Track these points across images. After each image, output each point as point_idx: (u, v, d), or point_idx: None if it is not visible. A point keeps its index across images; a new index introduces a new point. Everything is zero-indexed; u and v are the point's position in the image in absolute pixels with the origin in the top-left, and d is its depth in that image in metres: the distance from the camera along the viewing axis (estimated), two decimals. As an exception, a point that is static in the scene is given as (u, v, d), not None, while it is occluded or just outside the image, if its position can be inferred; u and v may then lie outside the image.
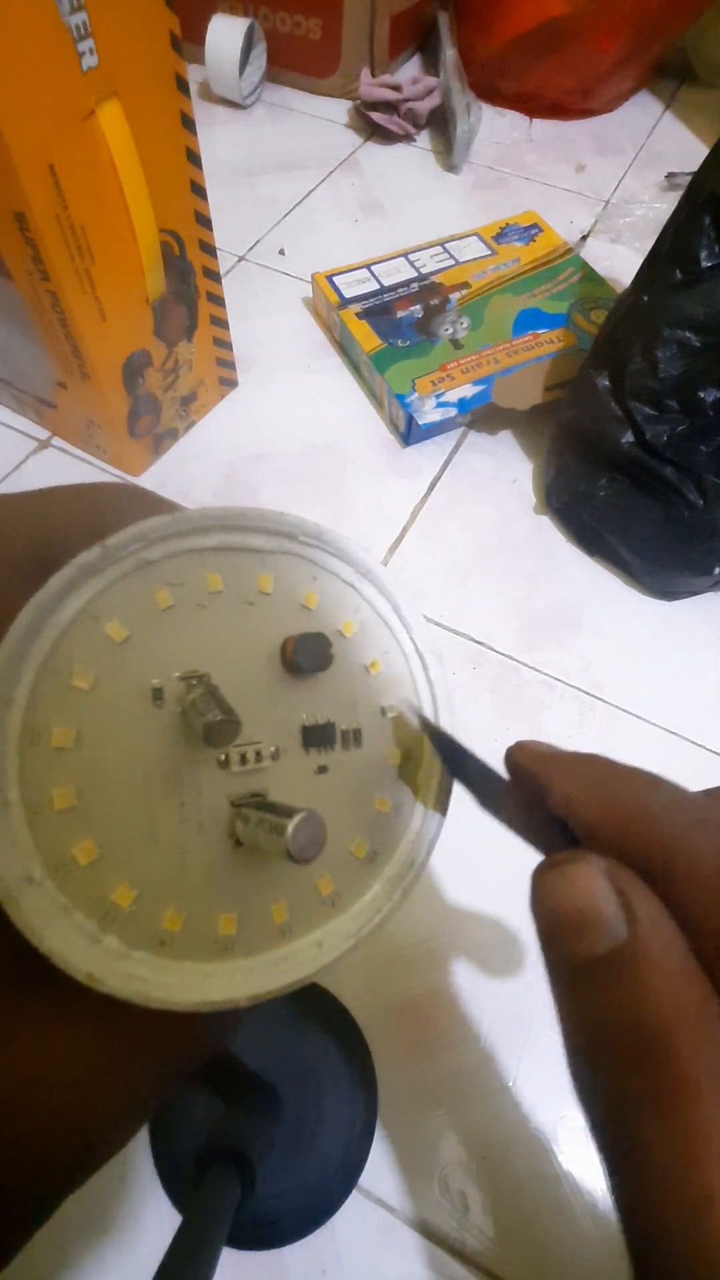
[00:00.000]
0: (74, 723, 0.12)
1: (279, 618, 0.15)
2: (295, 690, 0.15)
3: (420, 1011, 0.41)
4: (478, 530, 0.59)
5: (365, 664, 0.16)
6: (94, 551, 0.13)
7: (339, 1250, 0.36)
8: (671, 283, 0.50)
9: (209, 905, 0.14)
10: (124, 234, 0.46)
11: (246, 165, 0.86)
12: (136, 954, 0.13)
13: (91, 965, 0.12)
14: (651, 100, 0.97)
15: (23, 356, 0.55)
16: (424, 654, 0.16)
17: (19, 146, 0.38)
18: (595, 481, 0.55)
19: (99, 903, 0.13)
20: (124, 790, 0.13)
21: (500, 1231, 0.36)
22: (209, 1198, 0.29)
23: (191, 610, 0.14)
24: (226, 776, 0.14)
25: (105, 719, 0.13)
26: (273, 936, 0.14)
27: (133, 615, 0.13)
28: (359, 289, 0.69)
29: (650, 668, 0.53)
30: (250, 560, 0.14)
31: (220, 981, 0.13)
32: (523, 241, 0.73)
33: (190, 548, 0.14)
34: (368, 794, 0.15)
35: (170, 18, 0.41)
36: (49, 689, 0.12)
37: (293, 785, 0.15)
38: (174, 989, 0.13)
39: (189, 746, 0.13)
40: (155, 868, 0.13)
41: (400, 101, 0.86)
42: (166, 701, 0.13)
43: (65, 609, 0.13)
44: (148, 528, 0.13)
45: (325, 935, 0.15)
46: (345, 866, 0.15)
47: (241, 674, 0.14)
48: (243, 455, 0.62)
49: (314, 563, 0.15)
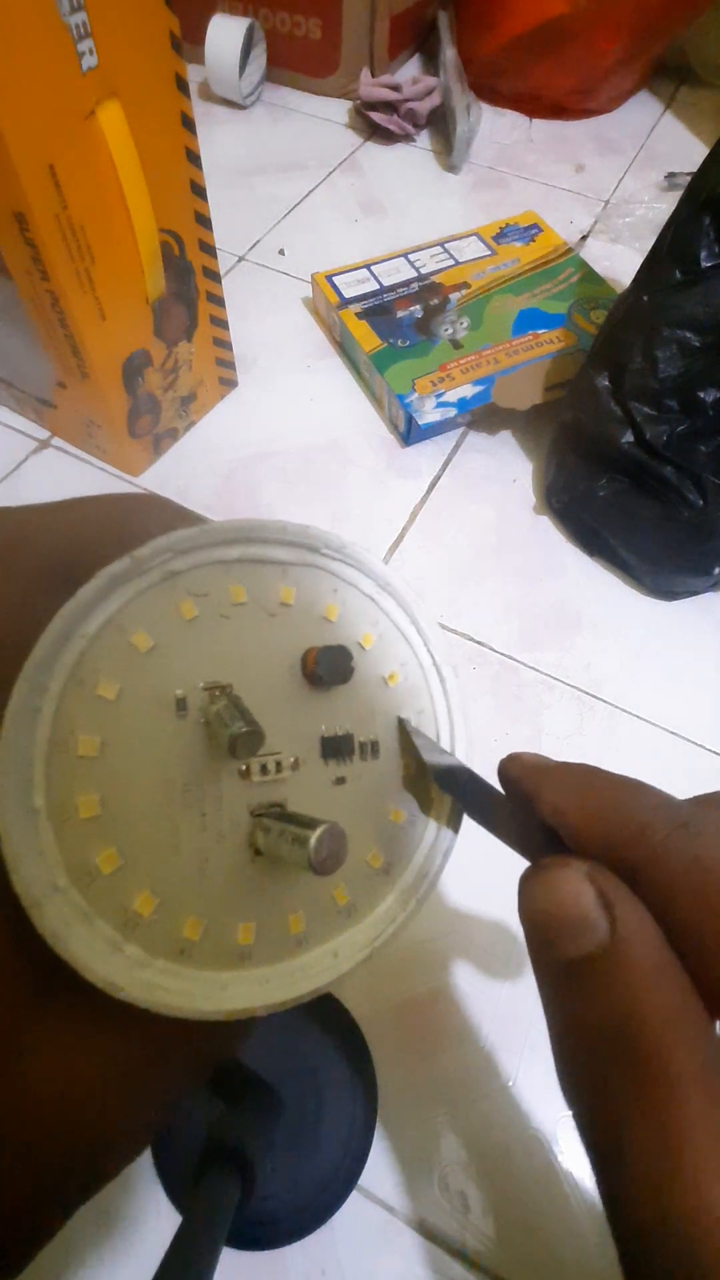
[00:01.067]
0: (99, 732, 0.13)
1: (300, 629, 0.15)
2: (315, 701, 0.15)
3: (420, 1012, 0.41)
4: (478, 530, 0.59)
5: (384, 676, 0.16)
6: (123, 563, 0.13)
7: (339, 1250, 0.36)
8: (671, 283, 0.50)
9: (228, 914, 0.14)
10: (124, 234, 0.46)
11: (246, 165, 0.86)
12: (157, 963, 0.13)
13: (113, 973, 0.12)
14: (651, 100, 0.97)
15: (23, 356, 0.55)
16: (441, 667, 0.17)
17: (19, 146, 0.38)
18: (595, 481, 0.55)
19: (121, 911, 0.13)
20: (147, 799, 0.13)
21: (500, 1231, 0.36)
22: (209, 1198, 0.29)
23: (215, 621, 0.14)
24: (247, 786, 0.14)
25: (130, 728, 0.13)
26: (290, 946, 0.14)
27: (158, 626, 0.13)
28: (359, 289, 0.69)
29: (650, 668, 0.53)
30: (273, 572, 0.15)
31: (238, 991, 0.13)
32: (522, 241, 0.73)
33: (215, 559, 0.14)
34: (383, 805, 0.16)
35: (170, 18, 0.41)
36: (75, 698, 0.12)
37: (311, 796, 0.15)
38: (193, 998, 0.13)
39: (211, 756, 0.14)
40: (176, 877, 0.13)
41: (400, 101, 0.86)
42: (190, 711, 0.13)
43: (93, 620, 0.13)
44: (176, 539, 0.13)
45: (341, 945, 0.15)
46: (361, 877, 0.15)
47: (263, 685, 0.14)
48: (243, 455, 0.62)
49: (335, 575, 0.15)
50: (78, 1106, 0.12)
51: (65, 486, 0.60)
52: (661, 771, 0.49)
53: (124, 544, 0.13)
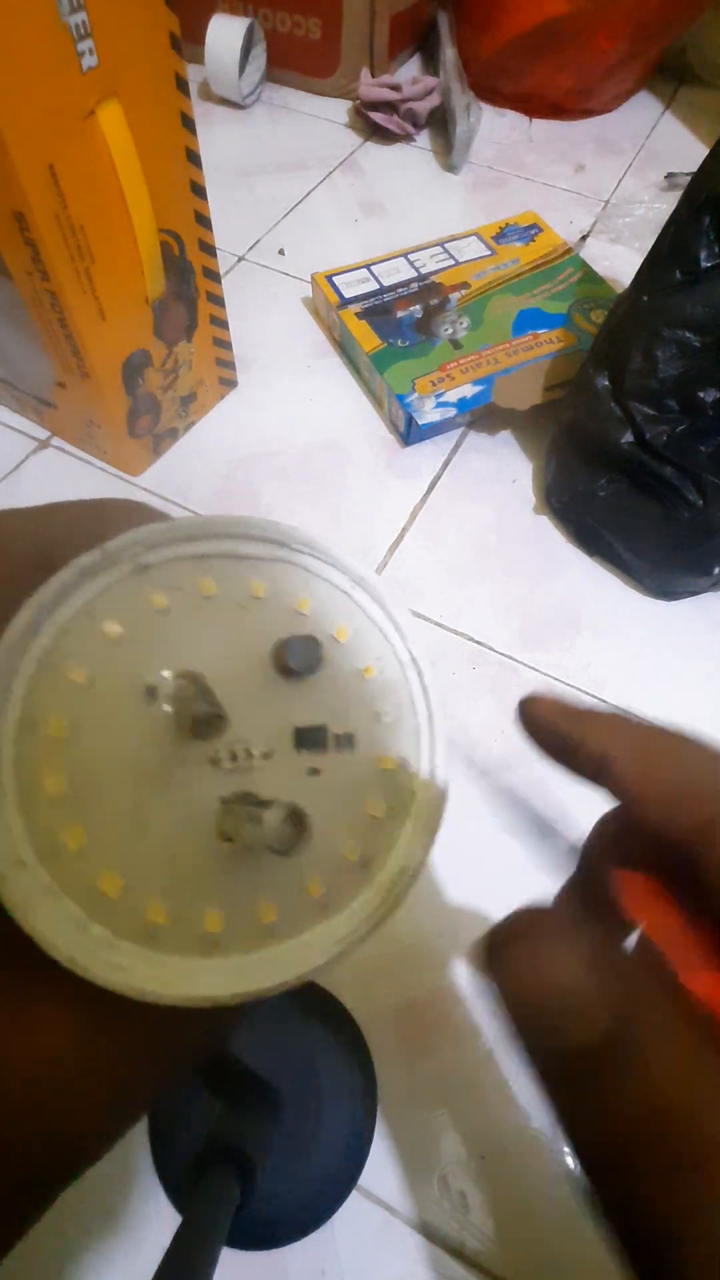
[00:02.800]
0: (69, 713, 0.13)
1: (272, 622, 0.15)
2: (288, 693, 0.15)
3: (420, 1011, 0.41)
4: (478, 530, 0.59)
5: (359, 669, 0.16)
6: (93, 555, 0.13)
7: (339, 1250, 0.36)
8: (671, 283, 0.50)
9: (196, 900, 0.14)
10: (124, 234, 0.46)
11: (246, 165, 0.86)
12: (123, 944, 0.13)
13: (75, 950, 0.12)
14: (651, 100, 0.97)
15: (23, 356, 0.55)
16: (419, 660, 0.17)
17: (19, 146, 0.38)
18: (595, 481, 0.55)
19: (87, 890, 0.13)
20: (115, 781, 0.13)
21: (500, 1231, 0.36)
22: (209, 1198, 0.29)
23: (186, 613, 0.14)
24: (217, 774, 0.14)
25: (99, 712, 0.13)
26: (260, 936, 0.14)
27: (129, 616, 0.14)
28: (359, 289, 0.69)
29: (650, 668, 0.53)
30: (244, 566, 0.15)
31: (205, 978, 0.13)
32: (522, 241, 0.73)
33: (186, 554, 0.14)
34: (360, 798, 0.15)
35: (170, 18, 0.41)
36: (46, 681, 0.13)
37: (284, 786, 0.15)
38: (157, 981, 0.13)
39: (180, 743, 0.14)
40: (143, 859, 0.13)
41: (400, 101, 0.86)
42: (159, 699, 0.14)
43: (65, 608, 0.13)
44: (144, 534, 0.14)
45: (314, 938, 0.14)
46: (336, 870, 0.15)
47: (235, 675, 0.14)
48: (243, 455, 0.62)
49: (307, 570, 0.16)
50: (43, 1088, 0.12)
51: (65, 486, 0.60)
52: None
53: (99, 541, 0.13)
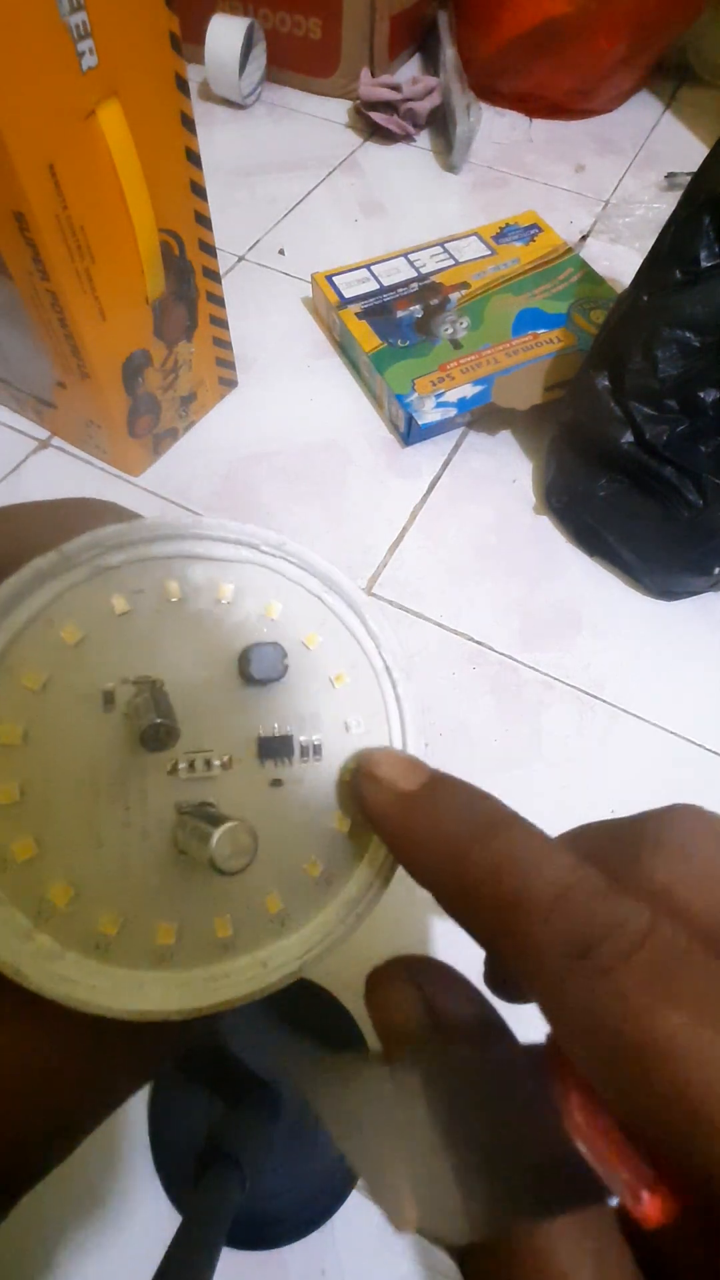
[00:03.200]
0: (21, 721, 0.13)
1: (239, 628, 0.14)
2: (254, 701, 0.14)
3: (420, 1011, 0.41)
4: (478, 530, 0.59)
5: (330, 677, 0.15)
6: (50, 557, 0.13)
7: (339, 1250, 0.36)
8: (671, 283, 0.50)
9: (148, 913, 0.13)
10: (124, 234, 0.46)
11: (246, 165, 0.86)
12: (69, 955, 0.13)
13: (19, 961, 0.12)
14: (651, 100, 0.97)
15: (23, 356, 0.55)
16: (393, 670, 0.16)
17: (19, 146, 0.38)
18: (595, 481, 0.55)
19: (34, 900, 0.13)
20: (68, 790, 0.13)
21: (500, 1231, 0.36)
22: (209, 1198, 0.29)
23: (149, 617, 0.14)
24: (175, 783, 0.14)
25: (53, 719, 0.13)
26: (214, 951, 0.14)
27: (88, 619, 0.13)
28: (359, 289, 0.69)
29: (650, 668, 0.53)
30: (212, 569, 0.14)
31: (154, 992, 0.13)
32: (523, 241, 0.73)
33: (150, 555, 0.14)
34: (325, 811, 0.15)
35: (170, 18, 0.41)
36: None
37: (244, 796, 0.14)
38: (104, 994, 0.13)
39: (137, 751, 0.13)
40: (95, 870, 0.13)
41: (400, 101, 0.86)
42: (117, 705, 0.13)
43: (19, 612, 0.13)
44: (105, 535, 0.13)
45: (270, 955, 0.14)
46: (296, 885, 0.15)
47: (198, 682, 0.14)
48: (242, 455, 0.62)
49: (278, 573, 0.15)
50: (8, 1084, 0.12)
51: (65, 486, 0.60)
52: (662, 771, 0.49)
53: (57, 545, 0.13)
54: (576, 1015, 0.09)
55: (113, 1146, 0.38)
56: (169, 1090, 0.38)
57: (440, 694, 0.51)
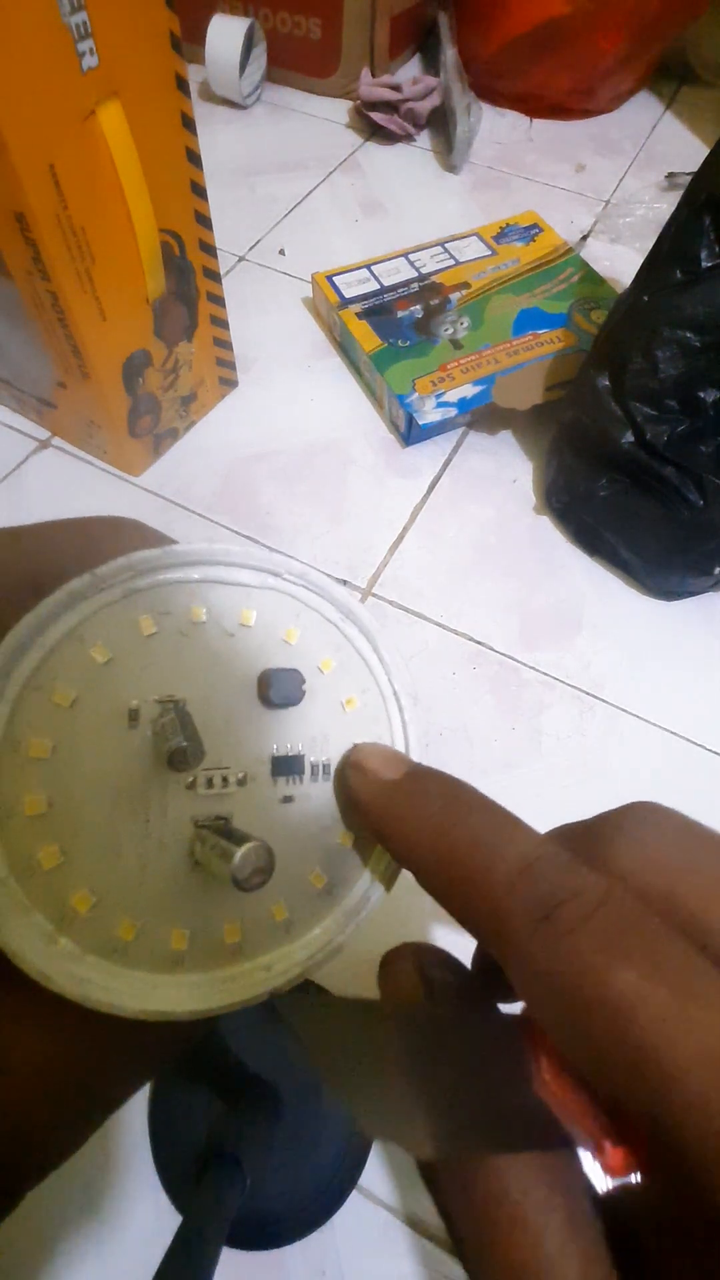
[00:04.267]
0: (52, 736, 0.13)
1: (259, 650, 0.15)
2: (270, 721, 0.15)
3: (420, 1011, 0.41)
4: (478, 530, 0.59)
5: (341, 701, 0.16)
6: (84, 579, 0.13)
7: (339, 1250, 0.36)
8: (671, 283, 0.50)
9: (163, 919, 0.14)
10: (124, 234, 0.46)
11: (246, 165, 0.86)
12: (89, 958, 0.13)
13: (44, 964, 0.13)
14: (651, 100, 0.97)
15: (23, 356, 0.55)
16: (400, 695, 0.17)
17: (19, 146, 0.38)
18: (595, 481, 0.55)
19: (58, 906, 0.13)
20: (92, 802, 0.14)
21: (500, 1231, 0.36)
22: (209, 1198, 0.29)
23: (174, 638, 0.14)
24: (193, 798, 0.14)
25: (81, 735, 0.13)
26: (223, 956, 0.15)
27: (117, 640, 0.14)
28: (359, 289, 0.69)
29: (650, 668, 0.53)
30: (235, 594, 0.15)
31: (166, 993, 0.14)
32: (523, 241, 0.73)
33: (177, 579, 0.14)
34: (330, 827, 0.16)
35: (170, 18, 0.41)
36: (31, 703, 0.13)
37: (257, 812, 0.15)
38: (120, 995, 0.13)
39: (158, 766, 0.14)
40: (115, 878, 0.14)
41: (400, 101, 0.86)
42: (141, 723, 0.14)
43: (53, 631, 0.13)
44: (137, 559, 0.14)
45: (275, 960, 0.15)
46: (301, 895, 0.15)
47: (218, 702, 0.15)
48: (243, 455, 0.62)
49: (298, 600, 0.16)
50: (9, 1091, 0.12)
51: (65, 486, 0.60)
52: (662, 771, 0.49)
53: (90, 565, 0.14)
54: (540, 977, 0.10)
55: (112, 1146, 0.38)
56: (169, 1090, 0.38)
57: (440, 694, 0.51)
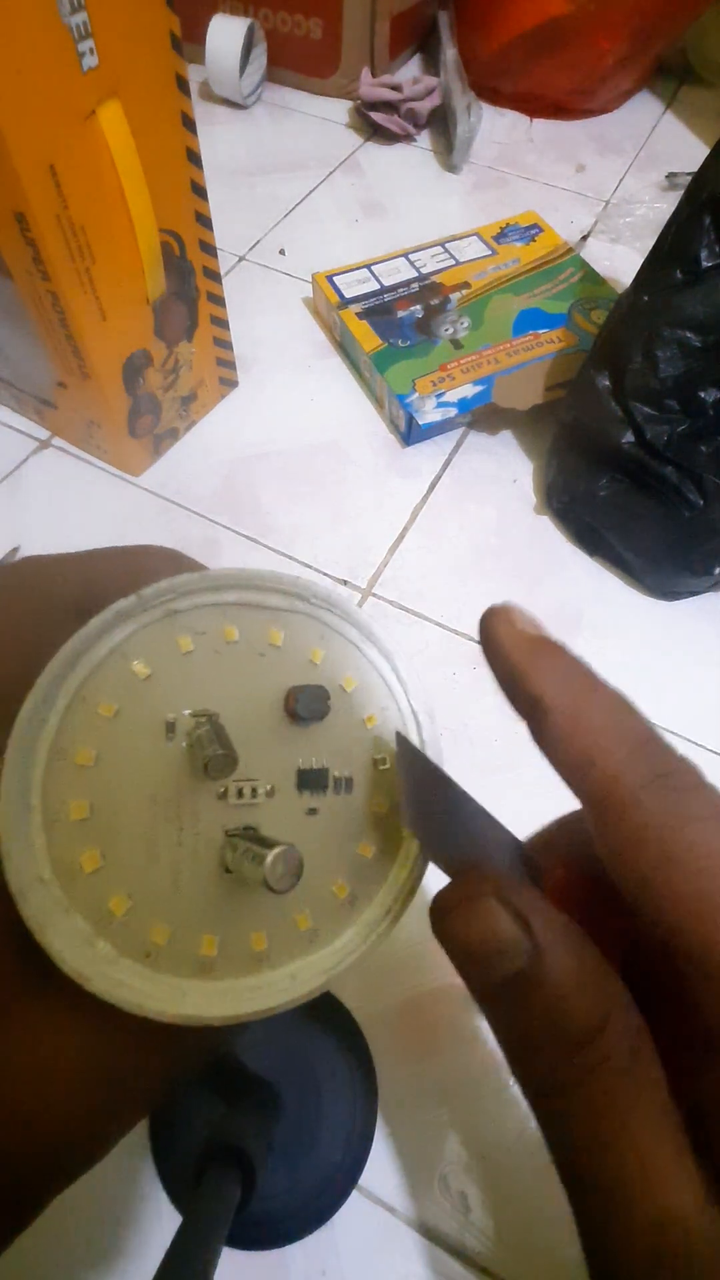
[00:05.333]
0: (96, 745, 0.14)
1: (287, 669, 0.16)
2: (296, 736, 0.16)
3: (421, 1011, 0.41)
4: (478, 530, 0.59)
5: (363, 718, 0.17)
6: (129, 600, 0.14)
7: (339, 1250, 0.36)
8: (671, 283, 0.50)
9: (194, 925, 0.15)
10: (124, 234, 0.46)
11: (246, 165, 0.86)
12: (124, 961, 0.14)
13: (83, 965, 0.13)
14: (651, 100, 0.97)
15: (23, 356, 0.55)
16: (419, 714, 0.18)
17: (19, 146, 0.38)
18: (595, 481, 0.55)
19: (97, 909, 0.14)
20: (131, 809, 0.14)
21: (501, 1231, 0.36)
22: (209, 1198, 0.29)
23: (209, 656, 0.15)
24: (224, 807, 0.15)
25: (123, 745, 0.14)
26: (250, 963, 0.15)
27: (157, 657, 0.15)
28: (359, 289, 0.69)
29: (650, 668, 0.53)
30: (265, 616, 0.16)
31: (196, 999, 0.14)
32: (523, 241, 0.73)
33: (213, 602, 0.16)
34: (353, 839, 0.16)
35: (170, 18, 0.41)
36: (78, 713, 0.14)
37: (283, 823, 0.16)
38: (153, 999, 0.14)
39: (193, 777, 0.15)
40: (151, 884, 0.14)
41: (400, 101, 0.86)
42: (178, 734, 0.15)
43: (100, 647, 0.14)
44: (179, 582, 0.15)
45: (300, 969, 0.15)
46: (325, 905, 0.16)
47: (248, 716, 0.15)
48: (243, 455, 0.62)
49: (323, 623, 0.17)
50: (47, 1090, 0.13)
51: (65, 486, 0.60)
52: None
53: (136, 588, 0.15)
54: (642, 828, 0.12)
55: (113, 1146, 0.38)
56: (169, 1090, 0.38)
57: (441, 694, 0.51)
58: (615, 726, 0.13)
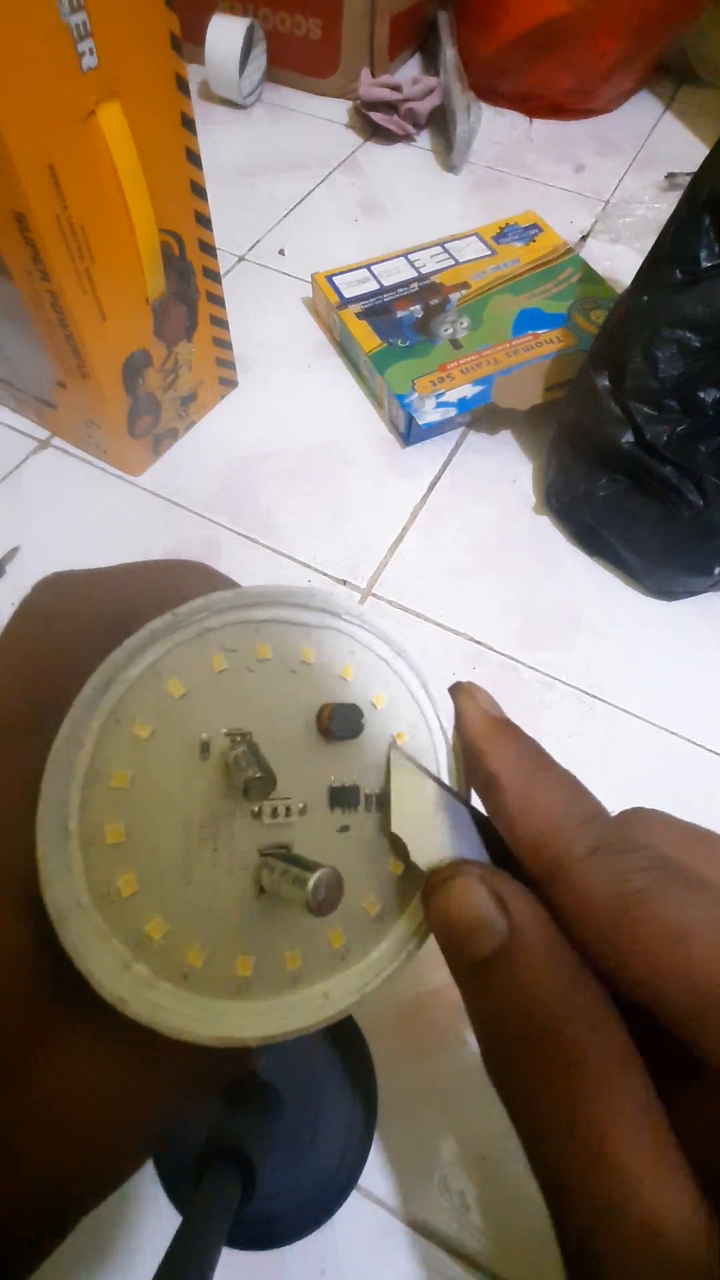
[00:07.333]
0: (131, 766, 0.14)
1: (318, 686, 0.16)
2: (326, 753, 0.16)
3: (420, 1012, 0.41)
4: (478, 530, 0.59)
5: (392, 734, 0.17)
6: (165, 619, 0.14)
7: (339, 1250, 0.36)
8: (671, 283, 0.50)
9: (230, 946, 0.14)
10: (124, 234, 0.46)
11: (246, 165, 0.86)
12: (161, 984, 0.14)
13: (121, 990, 0.13)
14: (651, 100, 0.97)
15: (23, 356, 0.55)
16: (447, 730, 0.18)
17: (19, 146, 0.38)
18: (595, 481, 0.55)
19: (134, 933, 0.13)
20: (167, 831, 0.14)
21: (500, 1231, 0.36)
22: (209, 1198, 0.29)
23: (242, 674, 0.15)
24: (258, 827, 0.15)
25: (158, 766, 0.14)
26: (284, 983, 0.15)
27: (191, 675, 0.15)
28: (359, 289, 0.69)
29: (650, 668, 0.53)
30: (297, 633, 0.16)
31: (233, 1020, 0.14)
32: (523, 241, 0.73)
33: (246, 619, 0.15)
34: (383, 856, 0.16)
35: (170, 18, 0.41)
36: (113, 735, 0.14)
37: (316, 840, 0.16)
38: (191, 1021, 0.13)
39: (228, 797, 0.15)
40: (186, 905, 0.14)
41: (400, 101, 0.86)
42: (212, 754, 0.14)
43: (134, 667, 0.14)
44: (213, 600, 0.15)
45: (332, 987, 0.15)
46: (357, 923, 0.16)
47: (280, 734, 0.15)
48: (243, 455, 0.62)
49: (353, 639, 0.17)
50: (81, 1112, 0.13)
51: (65, 486, 0.60)
52: (662, 771, 0.49)
53: (169, 604, 0.15)
54: (592, 898, 0.13)
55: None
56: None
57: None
58: (562, 805, 0.14)
